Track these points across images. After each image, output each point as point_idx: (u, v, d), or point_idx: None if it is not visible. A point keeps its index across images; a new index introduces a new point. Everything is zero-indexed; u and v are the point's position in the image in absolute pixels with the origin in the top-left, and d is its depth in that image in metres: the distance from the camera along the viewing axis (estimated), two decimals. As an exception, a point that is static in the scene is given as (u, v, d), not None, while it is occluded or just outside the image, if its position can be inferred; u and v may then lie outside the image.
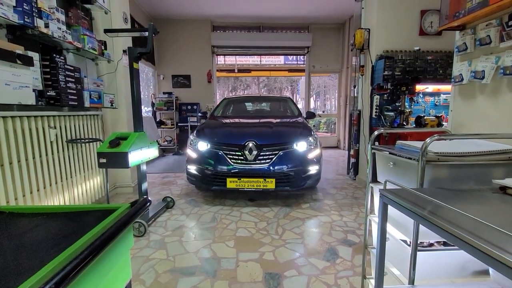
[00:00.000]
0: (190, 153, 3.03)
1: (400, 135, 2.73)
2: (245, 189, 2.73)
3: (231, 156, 2.78)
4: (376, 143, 3.43)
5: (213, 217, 2.55)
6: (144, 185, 2.47)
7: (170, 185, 3.71)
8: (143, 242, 2.06)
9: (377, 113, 3.35)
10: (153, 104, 6.44)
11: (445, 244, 0.96)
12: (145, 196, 0.65)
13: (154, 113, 6.45)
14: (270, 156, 2.76)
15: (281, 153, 2.78)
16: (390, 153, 1.08)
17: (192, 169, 2.95)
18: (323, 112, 8.30)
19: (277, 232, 2.23)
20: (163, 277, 1.62)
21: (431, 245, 1.00)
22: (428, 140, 0.81)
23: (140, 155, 2.28)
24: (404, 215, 0.72)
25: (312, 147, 2.96)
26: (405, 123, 3.07)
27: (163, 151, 6.34)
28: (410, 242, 0.92)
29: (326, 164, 5.00)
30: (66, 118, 2.27)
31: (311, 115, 4.03)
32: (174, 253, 1.90)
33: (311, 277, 1.62)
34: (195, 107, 6.64)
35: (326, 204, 2.91)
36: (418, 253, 0.87)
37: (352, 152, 4.01)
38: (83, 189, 2.48)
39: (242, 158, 2.76)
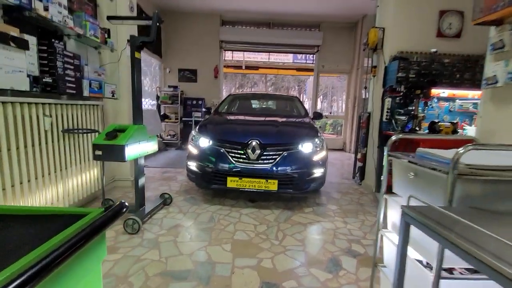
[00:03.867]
0: (191, 149, 2.92)
1: (413, 142, 2.57)
2: (246, 190, 2.62)
3: (233, 154, 2.66)
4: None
5: (211, 217, 2.44)
6: (141, 180, 2.37)
7: (170, 180, 3.62)
8: (136, 241, 1.96)
9: (388, 117, 3.20)
10: (157, 97, 6.36)
11: (473, 271, 0.83)
12: (122, 201, 0.57)
13: (158, 107, 6.37)
14: (273, 157, 2.64)
15: (285, 153, 2.66)
16: (409, 161, 0.95)
17: (192, 165, 2.85)
18: (330, 113, 8.13)
19: (277, 237, 2.11)
20: (153, 281, 1.52)
21: (450, 270, 0.87)
22: (461, 149, 0.69)
23: (138, 148, 2.18)
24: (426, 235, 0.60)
25: (318, 149, 2.82)
26: (417, 128, 2.91)
27: (166, 146, 6.27)
28: (430, 265, 0.79)
29: (331, 167, 4.85)
30: (63, 106, 2.18)
31: (318, 115, 3.89)
32: (167, 254, 1.80)
33: (311, 289, 1.50)
34: (200, 102, 6.55)
35: (330, 209, 2.78)
36: (441, 280, 0.74)
37: (359, 156, 3.86)
38: (78, 181, 2.39)
39: (245, 157, 2.64)
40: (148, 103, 6.90)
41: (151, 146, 2.43)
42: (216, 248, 1.90)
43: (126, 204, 0.64)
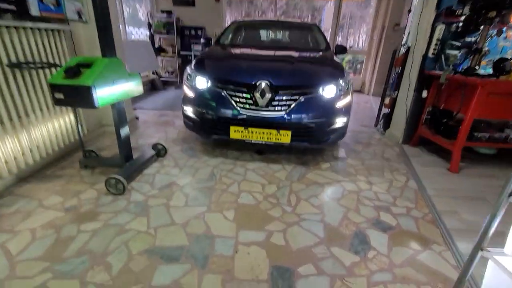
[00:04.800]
0: (187, 91, 2.39)
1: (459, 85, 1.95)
2: (253, 142, 2.19)
3: (237, 99, 2.14)
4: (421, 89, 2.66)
5: (211, 173, 2.08)
6: (125, 130, 1.94)
7: (167, 126, 3.20)
8: (121, 204, 1.64)
9: (436, 51, 2.49)
10: (149, 25, 5.44)
11: None
12: None
13: (152, 37, 5.50)
14: (287, 102, 2.11)
15: (302, 98, 2.12)
16: None
17: (189, 111, 2.37)
18: (350, 47, 7.07)
19: (290, 201, 1.77)
20: (137, 262, 1.22)
21: None
22: None
23: (113, 90, 1.67)
24: None
25: (343, 94, 2.26)
26: (477, 67, 2.25)
27: (164, 84, 5.66)
28: None
29: (348, 111, 4.30)
30: (3, 30, 1.59)
31: (341, 49, 3.14)
32: (157, 223, 1.49)
33: (334, 279, 1.19)
34: (200, 32, 5.61)
35: (351, 165, 2.38)
36: None
37: (386, 100, 3.27)
38: (49, 130, 1.97)
39: (252, 102, 2.12)
40: (140, 32, 6.00)
41: (133, 86, 1.91)
42: (217, 215, 1.58)
43: None
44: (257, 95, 2.09)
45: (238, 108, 2.13)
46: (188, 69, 2.47)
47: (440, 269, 1.28)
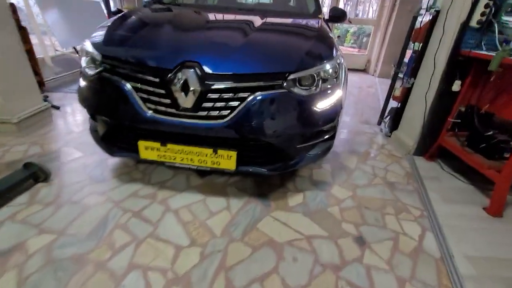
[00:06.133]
0: (81, 79, 1.50)
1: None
2: (176, 165, 1.36)
3: (146, 96, 1.26)
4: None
5: (103, 220, 1.27)
6: None
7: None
8: None
9: (485, 17, 1.54)
10: (100, -18, 4.32)
11: None
12: None
13: (106, -3, 4.40)
14: (230, 103, 1.23)
15: (257, 96, 1.22)
16: None
17: (87, 111, 1.51)
18: (356, 16, 5.87)
19: (210, 296, 0.97)
20: None
21: None
22: None
23: None
24: None
25: (329, 87, 1.37)
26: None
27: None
28: None
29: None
30: None
31: (338, 14, 2.14)
32: None
33: None
34: (167, -8, 4.48)
35: (335, 198, 1.56)
36: None
37: (397, 91, 2.35)
38: None
39: (169, 101, 1.24)
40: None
41: None
42: None
43: None
44: (177, 89, 1.20)
45: (148, 110, 1.25)
46: (86, 44, 1.54)
47: None
